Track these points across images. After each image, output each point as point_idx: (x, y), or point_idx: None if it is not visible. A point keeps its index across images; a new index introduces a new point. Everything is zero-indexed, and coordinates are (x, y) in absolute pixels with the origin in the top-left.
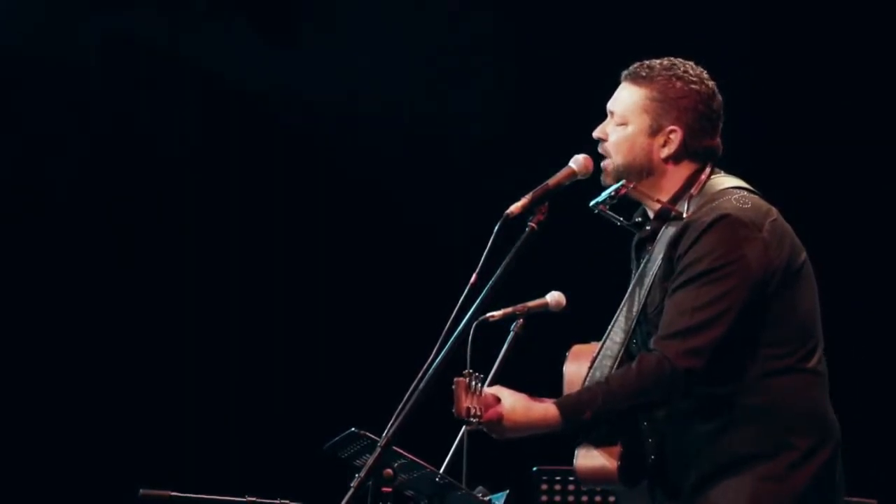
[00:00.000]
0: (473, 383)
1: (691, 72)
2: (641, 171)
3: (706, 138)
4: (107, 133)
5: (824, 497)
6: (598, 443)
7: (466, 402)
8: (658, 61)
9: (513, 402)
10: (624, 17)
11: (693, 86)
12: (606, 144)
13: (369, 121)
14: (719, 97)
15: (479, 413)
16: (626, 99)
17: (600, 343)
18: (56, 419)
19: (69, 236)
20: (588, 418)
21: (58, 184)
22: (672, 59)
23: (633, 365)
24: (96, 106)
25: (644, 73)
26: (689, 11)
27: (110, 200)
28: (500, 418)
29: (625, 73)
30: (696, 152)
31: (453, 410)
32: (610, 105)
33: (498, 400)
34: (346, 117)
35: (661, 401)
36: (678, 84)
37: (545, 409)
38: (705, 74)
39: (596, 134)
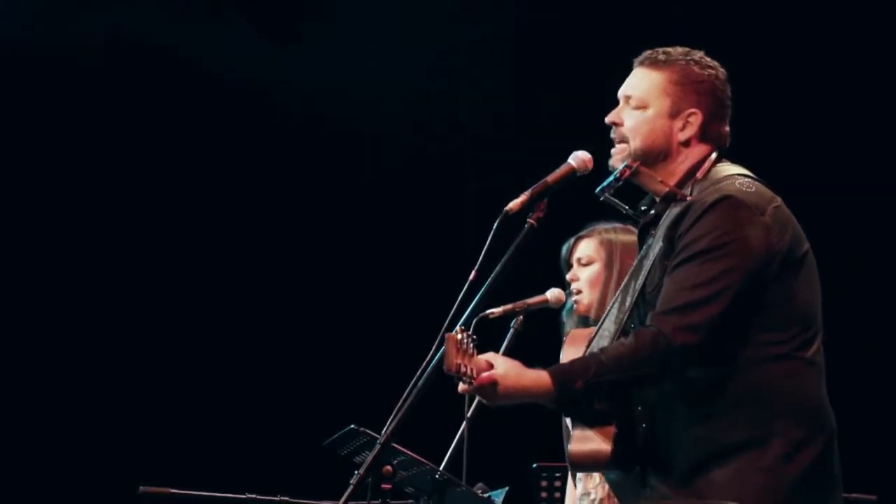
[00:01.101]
0: (465, 341)
1: (706, 59)
2: (659, 154)
3: (720, 124)
4: (106, 129)
5: (819, 490)
6: (591, 423)
7: (457, 359)
8: (672, 48)
9: (506, 368)
10: (623, 16)
11: (710, 70)
12: (622, 129)
13: (369, 118)
14: (730, 86)
15: (471, 374)
16: (645, 82)
17: (598, 324)
18: (57, 417)
19: (68, 232)
20: (580, 388)
21: (56, 178)
22: (685, 47)
23: (629, 338)
24: (95, 101)
25: (662, 58)
26: (689, 10)
27: (109, 196)
28: (492, 382)
29: (639, 59)
30: (710, 137)
31: (444, 367)
32: (625, 90)
33: (491, 365)
34: (345, 114)
35: (655, 375)
36: (696, 69)
37: (537, 375)
38: (717, 64)
39: (610, 119)
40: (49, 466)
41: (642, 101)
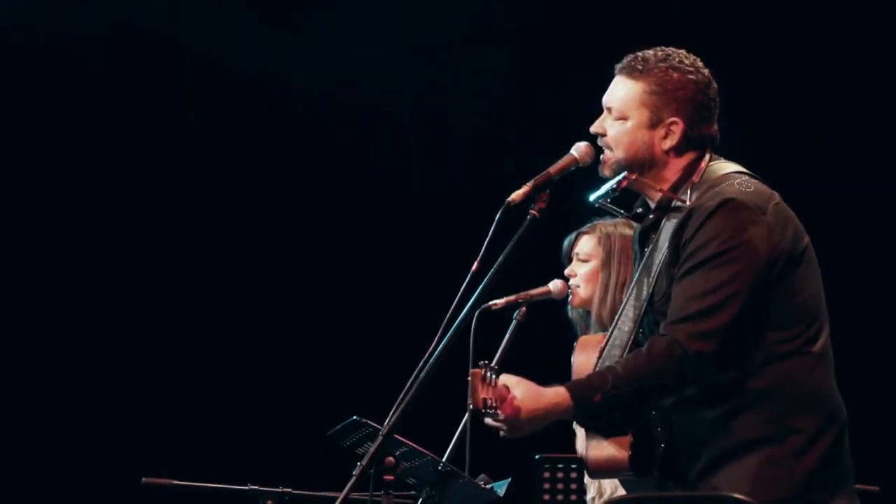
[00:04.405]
0: (489, 374)
1: (686, 61)
2: (643, 164)
3: (705, 126)
4: (107, 120)
5: (832, 480)
6: (608, 433)
7: (483, 394)
8: (652, 52)
9: (524, 391)
10: (626, 7)
11: (690, 76)
12: (606, 139)
13: (369, 109)
14: (715, 84)
15: (494, 405)
16: (624, 93)
17: (608, 333)
18: (60, 409)
19: (72, 224)
20: (598, 401)
21: (57, 171)
22: (665, 49)
23: (644, 349)
24: (96, 92)
25: (640, 67)
26: (689, 8)
27: (108, 186)
28: (517, 412)
29: (619, 66)
30: (696, 141)
31: (469, 403)
32: (606, 100)
33: (508, 388)
34: (346, 105)
35: (672, 384)
36: (675, 75)
37: (556, 393)
38: (700, 63)
39: (594, 129)
40: (52, 458)
41: (622, 112)
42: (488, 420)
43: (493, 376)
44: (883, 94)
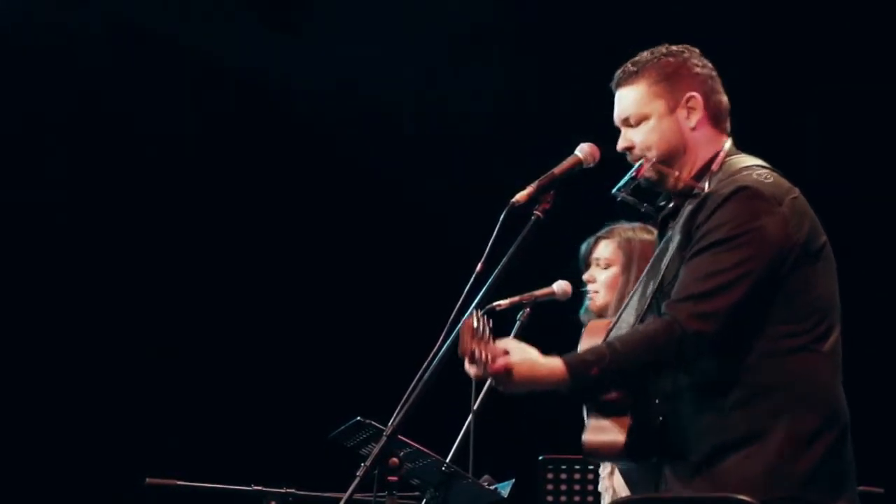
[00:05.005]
0: (481, 327)
1: (673, 48)
2: (678, 151)
3: (718, 95)
4: (107, 120)
5: (833, 481)
6: (608, 416)
7: (472, 345)
8: (638, 56)
9: (521, 356)
10: (626, 7)
11: (684, 54)
12: (636, 151)
13: (371, 109)
14: (706, 58)
15: (485, 359)
16: (633, 97)
17: (617, 316)
18: (64, 409)
19: (72, 223)
20: (595, 374)
21: (57, 171)
22: (647, 50)
23: (643, 326)
24: (96, 92)
25: (635, 69)
26: (690, 6)
27: (110, 187)
28: (507, 369)
29: (614, 83)
30: (714, 113)
31: (458, 351)
32: (619, 115)
33: (506, 352)
34: (346, 105)
35: (670, 363)
36: (670, 60)
37: (553, 364)
38: (685, 46)
39: (621, 147)
40: (55, 458)
41: (640, 115)
42: (471, 368)
43: (487, 330)
44: (883, 94)
